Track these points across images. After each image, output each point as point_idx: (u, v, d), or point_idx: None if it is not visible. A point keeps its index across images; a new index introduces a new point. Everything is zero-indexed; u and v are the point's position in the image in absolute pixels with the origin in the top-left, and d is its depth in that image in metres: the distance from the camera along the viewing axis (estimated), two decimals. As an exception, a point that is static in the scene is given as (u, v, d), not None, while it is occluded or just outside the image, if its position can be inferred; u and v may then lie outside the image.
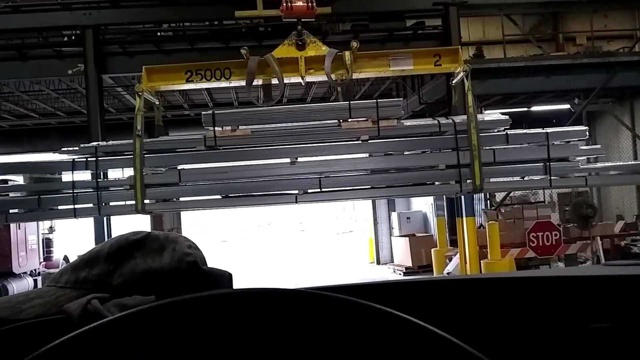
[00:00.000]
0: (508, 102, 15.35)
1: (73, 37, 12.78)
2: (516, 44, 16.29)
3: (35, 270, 15.83)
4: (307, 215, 35.68)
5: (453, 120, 6.85)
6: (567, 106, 15.72)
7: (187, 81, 7.71)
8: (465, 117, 6.67)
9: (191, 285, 1.02)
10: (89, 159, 7.15)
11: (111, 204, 7.40)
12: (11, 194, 7.68)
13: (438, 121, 6.92)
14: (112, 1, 12.05)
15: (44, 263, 16.64)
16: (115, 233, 13.11)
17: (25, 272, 15.32)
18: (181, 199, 7.54)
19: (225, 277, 1.11)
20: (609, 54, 14.51)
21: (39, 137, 19.47)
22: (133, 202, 7.12)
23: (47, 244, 17.09)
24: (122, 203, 7.36)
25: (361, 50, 7.53)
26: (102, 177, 7.71)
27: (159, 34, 13.04)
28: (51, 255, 17.25)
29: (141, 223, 20.70)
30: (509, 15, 15.18)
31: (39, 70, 12.91)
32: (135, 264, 1.03)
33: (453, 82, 7.55)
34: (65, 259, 17.79)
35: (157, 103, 7.93)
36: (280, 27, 12.28)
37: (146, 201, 7.16)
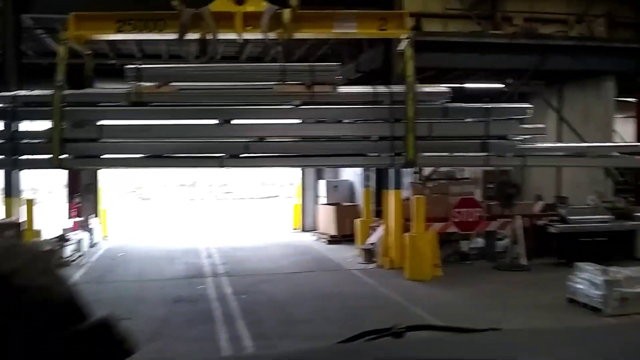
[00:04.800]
0: (443, 77, 15.33)
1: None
2: (456, 19, 16.24)
3: None
4: (232, 178, 35.15)
5: (390, 89, 6.60)
6: (500, 85, 15.90)
7: (118, 31, 7.16)
8: (403, 87, 6.44)
9: None
10: (6, 109, 6.76)
11: (27, 157, 6.88)
12: None
13: (375, 89, 6.66)
14: None
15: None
16: (26, 187, 12.26)
17: None
18: (102, 156, 7.08)
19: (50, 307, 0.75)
20: (545, 36, 14.71)
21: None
22: (46, 157, 6.66)
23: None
24: (39, 157, 6.85)
25: (304, 9, 7.14)
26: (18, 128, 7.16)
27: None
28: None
29: (57, 177, 19.65)
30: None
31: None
32: None
33: (400, 47, 7.26)
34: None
35: (88, 53, 7.33)
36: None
37: (64, 156, 6.69)
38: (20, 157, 6.93)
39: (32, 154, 6.96)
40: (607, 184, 14.84)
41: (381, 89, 6.69)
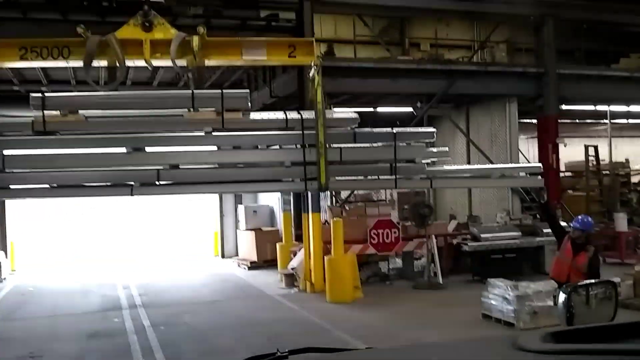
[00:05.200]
0: (356, 101, 15.67)
1: None
2: (366, 44, 16.71)
3: None
4: (149, 206, 34.07)
5: (301, 115, 6.68)
6: (410, 109, 16.42)
7: (21, 58, 6.88)
8: (314, 112, 6.53)
9: None
10: None
11: None
12: None
13: (285, 115, 6.72)
14: None
15: None
16: None
17: None
18: (8, 186, 6.76)
19: None
20: (451, 62, 15.37)
21: None
22: None
23: None
24: None
25: (214, 37, 7.12)
26: None
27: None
28: None
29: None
30: (360, 16, 15.51)
31: None
32: None
33: (310, 74, 7.38)
34: None
35: None
36: (126, 3, 11.48)
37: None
38: None
39: None
40: (515, 201, 15.55)
41: (292, 114, 6.75)
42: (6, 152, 6.62)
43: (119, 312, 11.55)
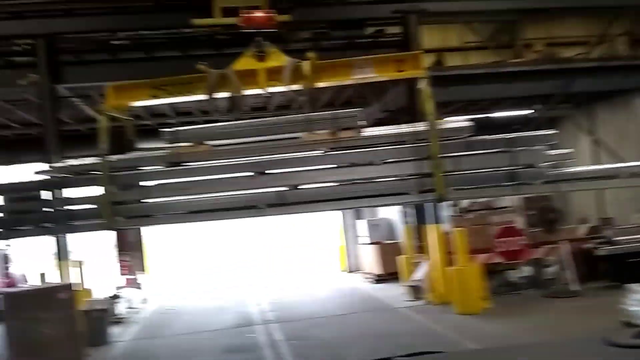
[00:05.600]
0: (470, 109, 15.39)
1: (27, 47, 12.38)
2: (476, 51, 16.38)
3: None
4: (274, 226, 35.26)
5: (413, 128, 6.73)
6: (529, 112, 15.85)
7: (153, 97, 7.51)
8: (426, 124, 6.55)
9: None
10: (58, 179, 7.24)
11: (82, 222, 7.28)
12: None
13: (397, 130, 6.80)
14: (65, 10, 11.69)
15: (2, 281, 16.01)
16: (73, 248, 12.69)
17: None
18: (148, 215, 7.40)
19: None
20: (567, 60, 14.69)
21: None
22: (98, 220, 7.06)
23: (5, 260, 16.45)
24: (93, 221, 7.22)
25: (323, 59, 7.38)
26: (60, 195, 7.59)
27: (114, 42, 12.70)
28: (9, 272, 16.60)
29: (102, 238, 20.23)
30: (468, 24, 15.25)
31: (-12, 81, 12.48)
32: None
33: (419, 86, 7.38)
34: (26, 276, 17.20)
35: (127, 119, 7.74)
36: (240, 35, 12.13)
37: (115, 218, 7.07)
38: (75, 223, 7.25)
39: (85, 219, 7.25)
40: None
41: (404, 128, 6.82)
42: (143, 183, 7.24)
43: (252, 328, 12.08)
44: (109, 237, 19.18)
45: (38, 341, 9.54)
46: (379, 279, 16.64)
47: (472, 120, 6.93)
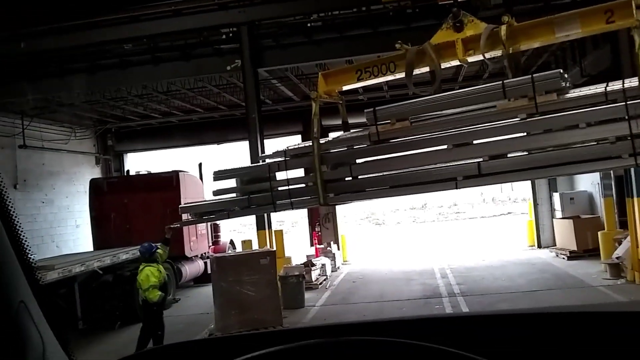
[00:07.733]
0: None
1: (230, 35, 13.54)
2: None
3: (205, 253, 17.06)
4: (462, 197, 34.86)
5: (623, 85, 6.17)
6: None
7: (358, 80, 7.90)
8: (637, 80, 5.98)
9: None
10: (280, 162, 7.99)
11: (300, 198, 8.03)
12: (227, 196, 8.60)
13: (604, 89, 6.30)
14: (263, -3, 12.54)
15: (212, 247, 17.90)
16: (274, 221, 13.77)
17: (196, 255, 16.59)
18: (355, 191, 7.93)
19: None
20: None
21: (205, 130, 20.97)
22: (310, 197, 7.78)
23: (215, 229, 18.34)
24: (309, 198, 7.95)
25: (519, 22, 7.08)
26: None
27: (309, 25, 13.38)
28: (219, 239, 18.51)
29: (299, 213, 21.64)
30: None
31: (200, 68, 13.92)
32: None
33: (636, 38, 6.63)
34: (232, 243, 19.06)
35: (341, 102, 8.27)
36: (429, 8, 12.10)
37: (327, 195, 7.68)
38: (294, 200, 8.01)
39: (301, 196, 7.99)
40: None
41: (612, 86, 6.29)
42: (358, 160, 7.72)
43: (439, 300, 12.19)
44: (303, 212, 20.51)
45: (241, 301, 10.65)
46: (573, 256, 15.76)
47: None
